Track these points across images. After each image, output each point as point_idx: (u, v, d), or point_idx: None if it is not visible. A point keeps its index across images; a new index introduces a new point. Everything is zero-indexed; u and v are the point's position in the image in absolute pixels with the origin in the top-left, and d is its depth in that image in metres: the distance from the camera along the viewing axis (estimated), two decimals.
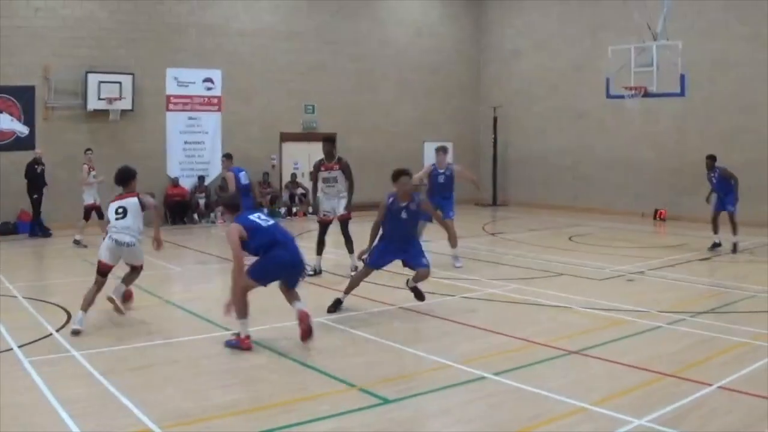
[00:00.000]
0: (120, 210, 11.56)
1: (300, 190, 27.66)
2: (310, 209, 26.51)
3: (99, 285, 11.30)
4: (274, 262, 10.28)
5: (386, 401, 7.97)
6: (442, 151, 17.41)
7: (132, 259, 11.81)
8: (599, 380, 8.87)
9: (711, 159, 19.99)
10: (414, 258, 12.44)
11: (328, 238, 16.26)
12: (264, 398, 8.09)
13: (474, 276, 15.58)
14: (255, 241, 10.14)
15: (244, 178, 19.21)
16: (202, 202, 25.90)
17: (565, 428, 7.34)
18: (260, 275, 10.34)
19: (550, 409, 7.82)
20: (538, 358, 9.65)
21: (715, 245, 19.44)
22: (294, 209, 27.83)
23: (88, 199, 20.36)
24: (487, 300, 13.39)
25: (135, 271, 12.01)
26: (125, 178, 11.96)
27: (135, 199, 11.71)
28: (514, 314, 12.40)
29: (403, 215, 12.30)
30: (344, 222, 16.00)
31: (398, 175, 12.32)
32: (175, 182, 25.69)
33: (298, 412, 7.58)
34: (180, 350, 9.99)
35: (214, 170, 26.22)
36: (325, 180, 15.89)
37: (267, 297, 12.39)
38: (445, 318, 11.89)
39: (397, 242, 12.46)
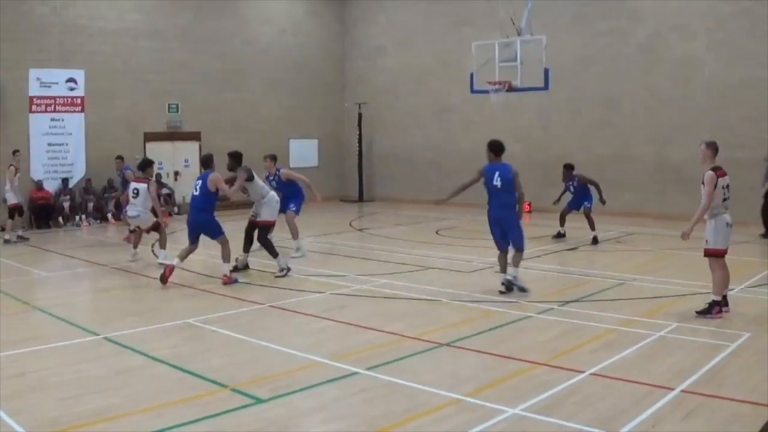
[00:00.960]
0: (135, 191, 16.58)
1: (165, 191, 26.94)
2: (176, 209, 26.08)
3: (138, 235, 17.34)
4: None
5: (260, 401, 7.75)
6: (269, 158, 17.98)
7: (142, 224, 17.00)
8: (472, 371, 8.81)
9: (568, 168, 20.19)
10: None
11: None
12: (137, 403, 7.72)
13: (343, 272, 15.41)
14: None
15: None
16: (66, 204, 24.98)
17: (440, 420, 7.22)
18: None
19: (424, 402, 7.70)
20: (410, 351, 9.55)
21: (560, 235, 20.03)
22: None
23: (13, 199, 20.53)
24: (357, 296, 13.20)
25: (157, 231, 17.08)
26: (145, 166, 16.99)
27: (145, 185, 16.51)
28: (385, 309, 12.32)
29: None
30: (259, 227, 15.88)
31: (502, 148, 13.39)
32: (39, 185, 24.65)
33: (172, 416, 7.30)
34: (50, 357, 9.48)
35: (77, 172, 25.42)
36: (242, 190, 15.70)
37: (143, 300, 12.09)
38: (315, 315, 11.68)
39: None
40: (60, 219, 24.70)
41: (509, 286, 13.10)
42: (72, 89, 25.48)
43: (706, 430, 6.91)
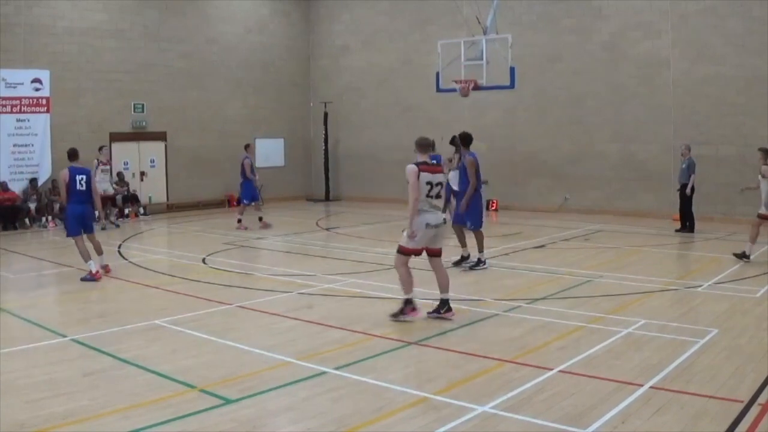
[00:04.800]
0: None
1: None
2: (143, 210, 25.95)
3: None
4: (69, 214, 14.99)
5: (228, 401, 7.68)
6: None
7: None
8: (439, 369, 8.79)
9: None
10: None
11: None
12: (106, 405, 7.61)
13: (310, 271, 15.35)
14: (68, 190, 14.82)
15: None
16: (33, 206, 24.63)
17: (409, 419, 7.19)
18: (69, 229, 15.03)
19: (392, 401, 7.68)
20: (378, 350, 9.52)
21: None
22: (126, 210, 26.67)
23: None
24: (324, 295, 13.15)
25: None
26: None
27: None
28: (352, 308, 12.27)
29: None
30: None
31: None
32: (4, 186, 24.36)
33: (140, 418, 7.22)
34: (17, 360, 9.31)
35: (43, 173, 25.20)
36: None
37: (110, 301, 12.00)
38: (282, 315, 11.61)
39: None
40: (26, 220, 24.39)
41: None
42: (37, 89, 25.17)
43: (675, 426, 6.92)
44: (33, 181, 24.86)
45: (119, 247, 19.11)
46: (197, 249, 17.32)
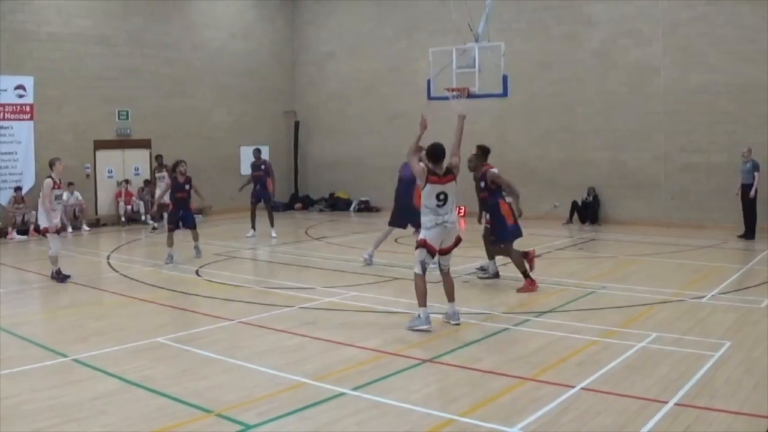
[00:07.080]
0: None
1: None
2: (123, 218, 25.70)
3: None
4: None
5: (248, 427, 7.38)
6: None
7: None
8: (460, 389, 8.58)
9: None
10: None
11: None
12: None
13: (308, 284, 15.12)
14: None
15: None
16: (19, 218, 24.17)
17: None
18: None
19: (418, 423, 7.46)
20: (393, 368, 9.27)
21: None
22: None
23: None
24: (327, 309, 12.91)
25: None
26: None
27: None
28: (358, 323, 11.97)
29: None
30: None
31: None
32: None
33: None
34: (18, 382, 8.91)
35: (27, 181, 24.83)
36: None
37: (107, 317, 11.74)
38: (287, 331, 11.30)
39: None
40: (14, 231, 23.92)
41: None
42: (21, 96, 24.82)
43: None
44: (18, 190, 24.44)
45: (108, 258, 18.83)
46: (188, 260, 17.02)
